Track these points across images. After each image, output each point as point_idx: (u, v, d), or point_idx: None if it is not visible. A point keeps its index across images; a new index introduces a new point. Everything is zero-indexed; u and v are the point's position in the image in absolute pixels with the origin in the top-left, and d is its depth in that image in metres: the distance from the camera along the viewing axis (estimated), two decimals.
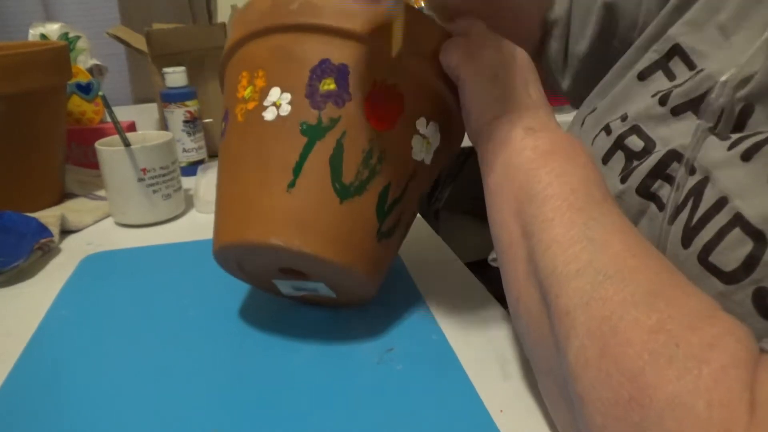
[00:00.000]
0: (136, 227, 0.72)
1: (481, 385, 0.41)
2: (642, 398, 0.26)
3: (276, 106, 0.43)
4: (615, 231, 0.33)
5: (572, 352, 0.30)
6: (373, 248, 0.44)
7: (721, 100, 0.36)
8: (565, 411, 0.33)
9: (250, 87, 0.45)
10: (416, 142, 0.45)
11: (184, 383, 0.43)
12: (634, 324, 0.28)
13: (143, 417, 0.39)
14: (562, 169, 0.37)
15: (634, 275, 0.30)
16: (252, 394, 0.41)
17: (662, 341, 0.27)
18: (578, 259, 0.32)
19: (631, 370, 0.27)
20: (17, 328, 0.50)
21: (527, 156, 0.38)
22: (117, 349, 0.47)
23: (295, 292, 0.49)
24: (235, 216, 0.44)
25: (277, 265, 0.45)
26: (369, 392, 0.41)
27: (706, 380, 0.25)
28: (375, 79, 0.43)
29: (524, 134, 0.39)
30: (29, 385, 0.43)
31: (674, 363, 0.26)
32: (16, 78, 0.68)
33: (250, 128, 0.44)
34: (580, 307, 0.30)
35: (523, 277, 0.36)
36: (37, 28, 1.05)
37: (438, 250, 0.64)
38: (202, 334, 0.48)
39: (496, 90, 0.42)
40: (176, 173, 0.73)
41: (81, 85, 0.91)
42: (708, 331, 0.27)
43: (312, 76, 0.43)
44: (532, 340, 0.36)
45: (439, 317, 0.50)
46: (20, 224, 0.64)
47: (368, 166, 0.43)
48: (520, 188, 0.37)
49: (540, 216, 0.35)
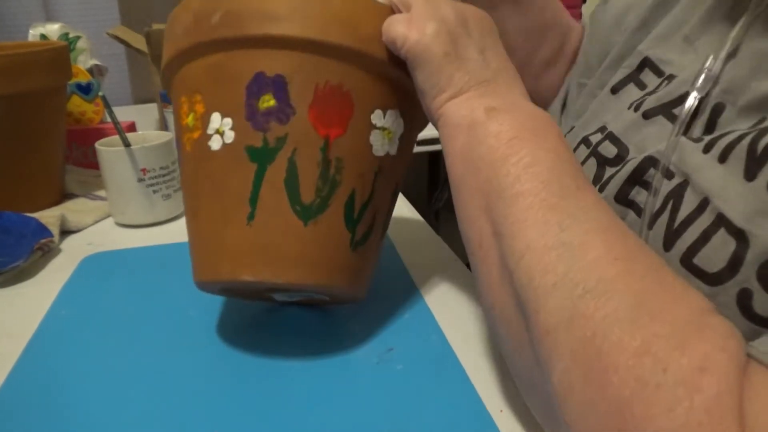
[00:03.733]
0: (136, 227, 0.71)
1: (481, 385, 0.41)
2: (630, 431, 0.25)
3: (219, 134, 0.40)
4: (592, 230, 0.30)
5: (556, 375, 0.28)
6: (348, 260, 0.43)
7: (695, 102, 0.37)
8: (553, 428, 0.32)
9: (191, 114, 0.42)
10: (375, 137, 0.42)
11: (183, 384, 0.43)
12: (619, 346, 0.26)
13: (143, 417, 0.39)
14: (532, 158, 0.33)
15: (615, 285, 0.28)
16: (252, 395, 0.41)
17: (649, 366, 0.25)
18: (555, 271, 0.29)
19: (618, 401, 0.25)
20: (17, 329, 0.50)
21: (490, 145, 0.35)
22: (117, 350, 0.47)
23: (290, 298, 0.49)
24: (204, 252, 0.42)
25: (262, 288, 0.44)
26: (369, 392, 0.41)
27: (698, 413, 0.24)
28: (316, 83, 0.40)
29: (485, 117, 0.36)
30: (29, 385, 0.43)
31: (662, 392, 0.24)
32: (16, 78, 0.68)
33: (199, 159, 0.42)
34: (562, 326, 0.28)
35: (497, 283, 0.34)
36: (37, 28, 1.05)
37: (438, 250, 0.64)
38: (202, 335, 0.48)
39: (449, 65, 0.38)
40: (176, 173, 0.73)
41: (81, 86, 0.91)
42: (698, 350, 0.25)
43: (248, 94, 0.39)
44: (512, 350, 0.34)
45: (439, 317, 0.50)
46: (20, 224, 0.64)
47: (327, 180, 0.40)
48: (486, 182, 0.34)
49: (510, 217, 0.32)
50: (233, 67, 0.40)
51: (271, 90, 0.39)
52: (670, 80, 0.42)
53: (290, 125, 0.39)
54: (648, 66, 0.45)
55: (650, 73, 0.45)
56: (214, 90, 0.41)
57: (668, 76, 0.43)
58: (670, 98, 0.41)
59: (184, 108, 0.43)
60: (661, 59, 0.44)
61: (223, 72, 0.40)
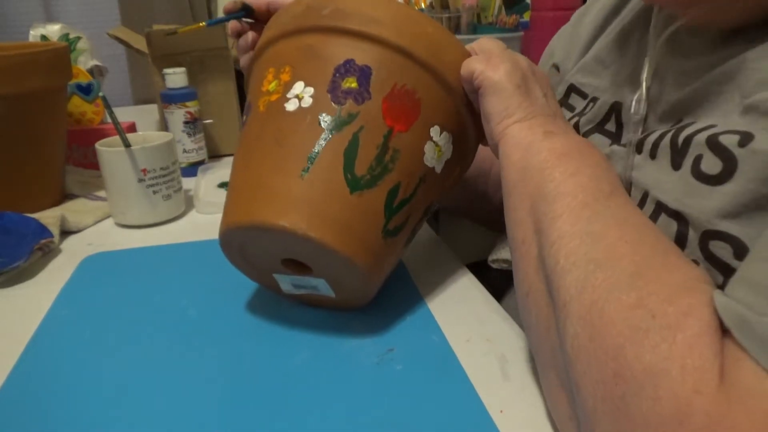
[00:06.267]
0: (136, 228, 0.72)
1: (481, 386, 0.41)
2: (623, 372, 0.28)
3: (298, 98, 0.45)
4: (613, 223, 0.35)
5: (568, 341, 0.32)
6: (377, 243, 0.45)
7: (638, 116, 0.44)
8: (566, 404, 0.34)
9: (275, 81, 0.47)
10: (429, 147, 0.47)
11: (183, 383, 0.43)
12: (616, 304, 0.30)
13: (143, 417, 0.39)
14: (575, 169, 0.39)
15: (621, 261, 0.32)
16: (252, 394, 0.41)
17: (640, 315, 0.29)
18: (576, 253, 0.34)
19: (614, 348, 0.29)
20: (17, 328, 0.50)
21: (543, 157, 0.40)
22: (117, 350, 0.47)
23: (295, 290, 0.49)
24: (245, 198, 0.45)
25: (280, 254, 0.46)
26: (369, 392, 0.41)
27: (681, 346, 0.27)
28: (395, 82, 0.45)
29: (543, 137, 0.42)
30: (29, 385, 0.43)
31: (650, 334, 0.28)
32: (16, 79, 0.68)
33: (270, 117, 0.46)
34: (575, 297, 0.32)
35: (533, 273, 0.38)
36: (38, 29, 1.05)
37: (438, 251, 0.64)
38: (202, 335, 0.48)
39: (518, 96, 0.44)
40: (176, 174, 0.73)
41: (81, 86, 0.91)
42: (684, 302, 0.28)
43: (336, 73, 0.45)
44: (539, 334, 0.37)
45: (439, 318, 0.50)
46: (20, 225, 0.64)
47: (381, 163, 0.44)
48: (535, 187, 0.39)
49: (550, 213, 0.37)
50: (327, 49, 0.46)
51: (357, 75, 0.45)
52: (594, 102, 0.51)
53: (363, 107, 0.45)
54: (574, 91, 0.55)
55: (576, 96, 0.54)
56: (304, 63, 0.46)
57: (592, 98, 0.52)
58: (600, 118, 0.49)
59: (268, 76, 0.48)
60: (582, 83, 0.54)
61: (316, 51, 0.46)
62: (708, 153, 0.34)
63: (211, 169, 0.87)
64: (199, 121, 0.88)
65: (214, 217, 0.74)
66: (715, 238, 0.33)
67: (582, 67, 0.54)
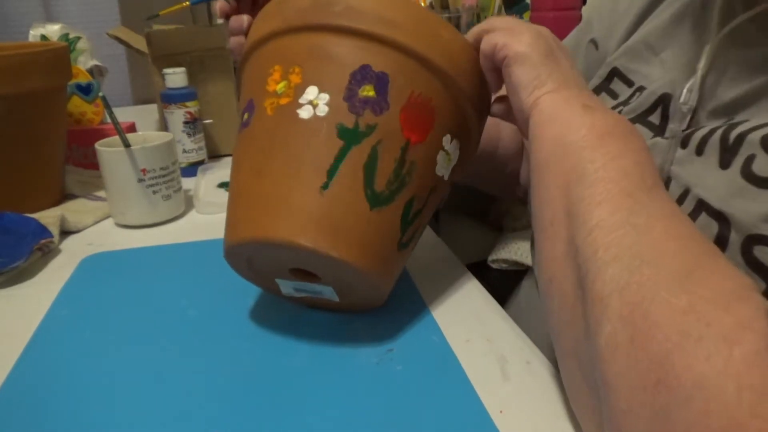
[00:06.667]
0: (136, 228, 0.72)
1: (481, 386, 0.41)
2: (669, 380, 0.26)
3: (312, 105, 0.43)
4: (659, 217, 0.32)
5: (603, 338, 0.30)
6: (392, 256, 0.44)
7: (687, 106, 0.41)
8: (588, 396, 0.33)
9: (283, 82, 0.44)
10: (441, 157, 0.46)
11: (183, 384, 0.43)
12: (665, 306, 0.27)
13: (143, 417, 0.39)
14: (618, 152, 0.36)
15: (669, 259, 0.30)
16: (251, 395, 0.41)
17: (692, 322, 0.26)
18: (618, 245, 0.31)
19: (659, 354, 0.27)
20: (17, 329, 0.50)
21: (583, 135, 0.37)
22: (117, 350, 0.47)
23: (296, 293, 0.49)
24: (259, 211, 0.42)
25: (290, 264, 0.45)
26: (369, 393, 0.41)
27: (737, 363, 0.24)
28: (412, 90, 0.43)
29: (582, 111, 0.38)
30: (29, 385, 0.43)
31: (704, 343, 0.25)
32: (16, 79, 0.68)
33: (282, 124, 0.43)
34: (615, 293, 0.30)
35: (561, 257, 0.36)
36: (38, 28, 1.05)
37: (438, 251, 0.64)
38: (202, 335, 0.48)
39: (550, 64, 0.41)
40: (176, 174, 0.73)
41: (81, 86, 0.91)
42: (742, 312, 0.26)
43: (352, 80, 0.43)
44: (561, 321, 0.35)
45: (439, 318, 0.50)
46: (20, 225, 0.64)
47: (398, 177, 0.43)
48: (571, 167, 0.36)
49: (587, 198, 0.34)
50: (340, 52, 0.43)
51: (374, 82, 0.43)
52: (641, 91, 0.47)
53: (382, 118, 0.43)
54: (617, 75, 0.50)
55: (620, 82, 0.50)
56: (315, 66, 0.43)
57: (638, 87, 0.48)
58: (644, 108, 0.46)
59: (274, 75, 0.45)
60: (628, 68, 0.49)
61: (328, 53, 0.43)
62: (762, 153, 0.33)
63: (210, 169, 0.87)
64: (199, 121, 0.88)
65: (214, 217, 0.74)
66: (761, 243, 0.32)
67: (628, 51, 0.50)
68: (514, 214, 0.72)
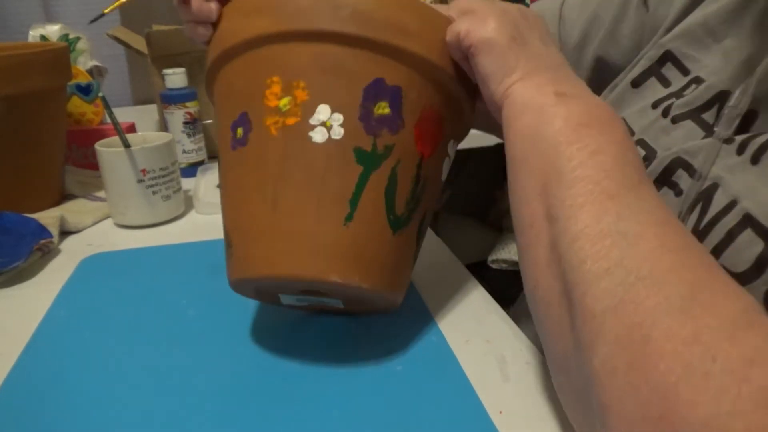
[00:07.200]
0: (136, 228, 0.71)
1: (481, 387, 0.41)
2: (674, 418, 0.24)
3: (326, 127, 0.39)
4: (650, 222, 0.30)
5: (598, 359, 0.28)
6: (409, 271, 0.44)
7: (738, 108, 0.37)
8: (582, 413, 0.32)
9: (287, 98, 0.39)
10: (445, 163, 0.44)
11: (183, 384, 0.43)
12: (668, 334, 0.26)
13: (142, 418, 0.39)
14: (597, 146, 0.33)
15: (668, 276, 0.28)
16: (250, 394, 0.41)
17: (698, 354, 0.25)
18: (608, 257, 0.29)
19: (663, 386, 0.25)
20: (17, 329, 0.50)
21: (558, 127, 0.34)
22: (116, 350, 0.47)
23: (297, 303, 0.48)
24: (281, 248, 0.39)
25: (305, 288, 0.42)
26: (369, 393, 0.41)
27: (746, 401, 0.23)
28: (424, 103, 0.41)
29: (555, 100, 0.36)
30: (29, 385, 0.43)
31: (711, 380, 0.24)
32: (16, 79, 0.68)
33: (292, 148, 0.39)
34: (609, 311, 0.28)
35: (543, 264, 0.34)
36: (37, 29, 1.05)
37: (438, 251, 0.64)
38: (202, 335, 0.48)
39: (516, 49, 0.39)
40: (176, 174, 0.73)
41: (81, 87, 0.91)
42: (748, 343, 0.25)
43: (365, 96, 0.39)
44: (548, 331, 0.34)
45: (439, 318, 0.50)
46: (20, 225, 0.64)
47: (414, 196, 0.41)
48: (548, 164, 0.34)
49: (568, 200, 0.32)
50: (351, 64, 0.39)
51: (388, 98, 0.39)
52: (698, 83, 0.42)
53: (398, 136, 0.40)
54: (670, 60, 0.44)
55: (673, 68, 0.44)
56: (323, 80, 0.39)
57: (695, 78, 0.42)
58: (700, 103, 0.40)
59: (273, 88, 0.40)
60: (684, 54, 0.43)
61: (336, 66, 0.39)
62: None
63: (210, 169, 0.87)
64: (199, 121, 0.88)
65: (214, 217, 0.74)
66: None
67: (685, 33, 0.44)
68: None
